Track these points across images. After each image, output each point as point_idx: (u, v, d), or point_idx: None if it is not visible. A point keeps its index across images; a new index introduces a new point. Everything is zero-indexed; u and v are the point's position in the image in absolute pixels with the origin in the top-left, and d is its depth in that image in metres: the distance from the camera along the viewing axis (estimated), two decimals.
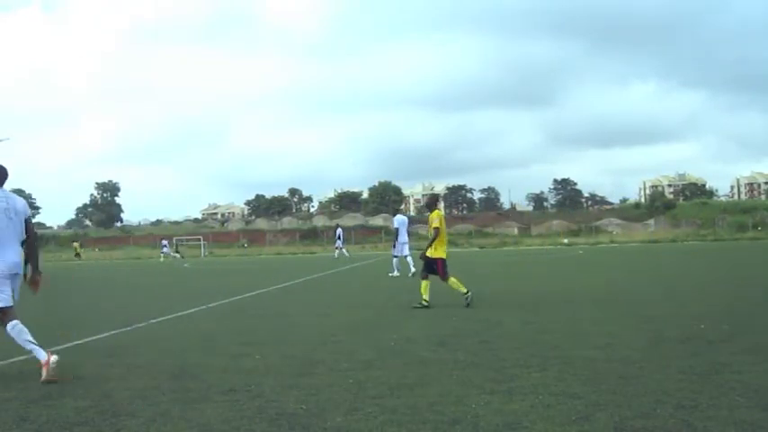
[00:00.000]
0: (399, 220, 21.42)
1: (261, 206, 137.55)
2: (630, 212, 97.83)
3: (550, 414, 4.56)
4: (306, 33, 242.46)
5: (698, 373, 5.69)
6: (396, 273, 20.61)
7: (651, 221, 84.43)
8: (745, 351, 6.61)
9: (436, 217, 12.29)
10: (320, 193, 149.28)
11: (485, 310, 10.83)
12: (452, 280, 12.02)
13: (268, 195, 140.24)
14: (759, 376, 5.49)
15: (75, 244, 66.79)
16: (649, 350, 6.89)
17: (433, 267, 12.01)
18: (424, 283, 11.89)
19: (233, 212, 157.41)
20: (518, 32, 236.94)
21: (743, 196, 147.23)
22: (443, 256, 12.10)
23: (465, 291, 11.70)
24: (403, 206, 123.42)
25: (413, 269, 19.06)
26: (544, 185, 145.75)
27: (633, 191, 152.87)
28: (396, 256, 21.06)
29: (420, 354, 7.04)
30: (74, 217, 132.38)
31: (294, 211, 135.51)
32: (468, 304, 11.41)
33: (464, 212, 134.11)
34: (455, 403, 4.90)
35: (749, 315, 9.50)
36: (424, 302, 11.63)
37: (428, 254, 12.10)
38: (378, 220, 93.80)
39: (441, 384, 5.54)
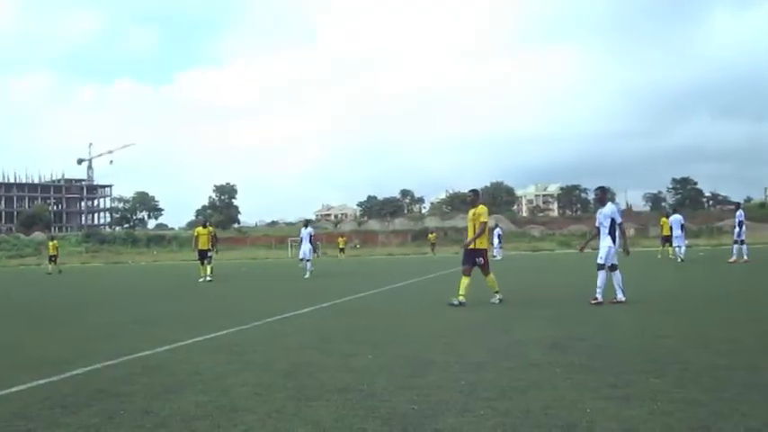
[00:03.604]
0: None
1: (373, 207, 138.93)
2: (755, 212, 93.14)
3: (669, 422, 4.39)
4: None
5: None
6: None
7: None
8: None
9: (484, 211, 12.62)
10: (432, 194, 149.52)
11: (600, 313, 10.56)
12: (491, 277, 12.51)
13: (380, 197, 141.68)
14: None
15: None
16: None
17: (476, 260, 12.43)
18: (466, 281, 12.31)
19: (345, 214, 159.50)
20: None
21: None
22: (487, 247, 12.55)
23: (497, 290, 12.46)
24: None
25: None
26: (662, 185, 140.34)
27: (759, 190, 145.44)
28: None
29: (532, 356, 6.93)
30: (194, 218, 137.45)
31: (406, 212, 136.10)
32: (500, 300, 12.30)
33: (578, 213, 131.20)
34: (569, 408, 4.80)
35: None
36: (461, 299, 12.11)
37: (474, 246, 12.45)
38: (490, 222, 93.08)
39: (554, 388, 5.44)
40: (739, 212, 26.29)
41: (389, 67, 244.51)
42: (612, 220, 12.13)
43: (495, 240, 41.86)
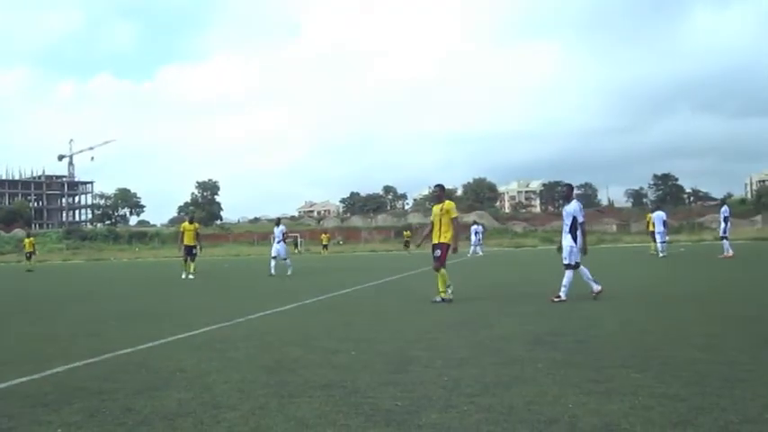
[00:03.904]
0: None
1: (356, 204, 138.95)
2: (736, 208, 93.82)
3: (651, 416, 4.43)
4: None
5: None
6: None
7: (758, 218, 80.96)
8: None
9: (453, 207, 12.86)
10: (415, 190, 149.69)
11: (582, 309, 10.62)
12: (443, 272, 12.41)
13: (363, 193, 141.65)
14: None
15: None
16: (756, 352, 6.60)
17: (435, 252, 12.49)
18: (437, 274, 12.42)
19: (329, 210, 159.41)
20: None
21: None
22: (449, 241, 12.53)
23: (443, 290, 12.30)
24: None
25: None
26: (644, 181, 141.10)
27: (739, 186, 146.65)
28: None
29: (515, 352, 6.95)
30: (176, 215, 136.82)
31: (389, 208, 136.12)
32: (444, 299, 12.17)
33: (560, 209, 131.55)
34: (551, 403, 4.83)
35: None
36: (444, 296, 12.23)
37: (443, 240, 12.49)
38: (472, 217, 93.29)
39: (537, 383, 5.46)
40: (724, 208, 26.60)
41: (373, 63, 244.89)
42: (574, 218, 12.11)
43: (473, 237, 42.25)
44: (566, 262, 11.94)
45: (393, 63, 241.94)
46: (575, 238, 11.97)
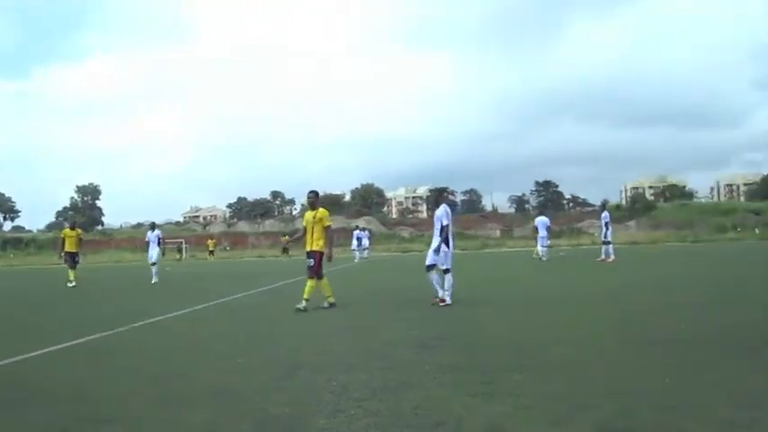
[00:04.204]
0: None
1: (243, 209, 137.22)
2: (612, 214, 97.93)
3: (532, 416, 4.59)
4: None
5: (678, 372, 5.74)
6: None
7: (632, 223, 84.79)
8: (725, 351, 6.66)
9: (327, 215, 12.60)
10: (303, 195, 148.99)
11: (469, 313, 10.86)
12: (325, 282, 12.45)
13: (250, 198, 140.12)
14: (737, 375, 5.55)
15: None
16: (631, 351, 6.93)
17: (309, 262, 12.39)
18: (320, 283, 12.34)
19: (215, 215, 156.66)
20: None
21: (722, 198, 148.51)
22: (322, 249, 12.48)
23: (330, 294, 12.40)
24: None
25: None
26: (526, 188, 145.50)
27: (615, 193, 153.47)
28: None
29: (403, 356, 7.04)
30: (54, 220, 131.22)
31: (276, 213, 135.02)
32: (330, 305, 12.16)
33: None
34: (438, 406, 4.92)
35: (732, 315, 9.53)
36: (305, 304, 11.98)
37: (315, 248, 12.36)
38: (360, 223, 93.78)
39: (423, 387, 5.55)
40: (605, 214, 27.81)
41: (260, 66, 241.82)
42: (441, 222, 12.31)
43: (355, 242, 42.53)
44: (444, 267, 12.08)
45: (283, 67, 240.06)
46: (447, 243, 12.13)
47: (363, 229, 47.03)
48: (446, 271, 12.00)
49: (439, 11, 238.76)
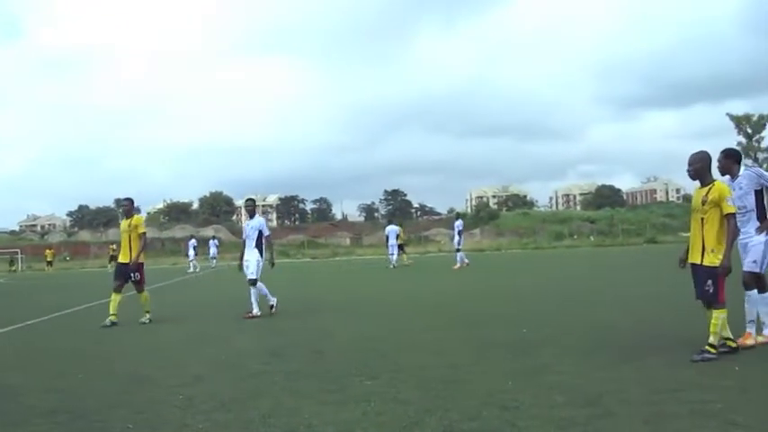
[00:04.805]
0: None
1: (85, 218, 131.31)
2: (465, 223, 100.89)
3: (382, 420, 4.62)
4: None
5: (521, 375, 5.97)
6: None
7: (477, 231, 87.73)
8: (565, 352, 7.00)
9: (141, 222, 12.28)
10: (149, 204, 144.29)
11: (319, 321, 10.85)
12: (145, 295, 12.03)
13: (93, 206, 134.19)
14: (576, 375, 5.83)
15: None
16: (476, 355, 7.14)
17: (131, 276, 11.71)
18: (117, 298, 11.67)
19: (54, 224, 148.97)
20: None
21: (560, 207, 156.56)
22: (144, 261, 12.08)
23: (148, 309, 11.92)
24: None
25: None
26: (375, 196, 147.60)
27: (460, 201, 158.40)
28: None
29: (252, 366, 6.94)
30: None
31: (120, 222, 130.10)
32: (149, 320, 11.66)
33: (297, 223, 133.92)
34: (288, 415, 4.87)
35: (570, 317, 9.98)
36: (112, 319, 11.39)
37: (128, 261, 11.72)
38: (209, 231, 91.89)
39: (273, 396, 5.49)
40: (458, 222, 28.61)
41: (103, 69, 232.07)
42: (260, 233, 12.25)
43: (191, 252, 41.64)
44: (252, 277, 11.95)
45: (125, 69, 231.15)
46: (261, 253, 12.05)
47: (214, 238, 46.10)
48: (253, 282, 11.90)
49: (290, 20, 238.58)
